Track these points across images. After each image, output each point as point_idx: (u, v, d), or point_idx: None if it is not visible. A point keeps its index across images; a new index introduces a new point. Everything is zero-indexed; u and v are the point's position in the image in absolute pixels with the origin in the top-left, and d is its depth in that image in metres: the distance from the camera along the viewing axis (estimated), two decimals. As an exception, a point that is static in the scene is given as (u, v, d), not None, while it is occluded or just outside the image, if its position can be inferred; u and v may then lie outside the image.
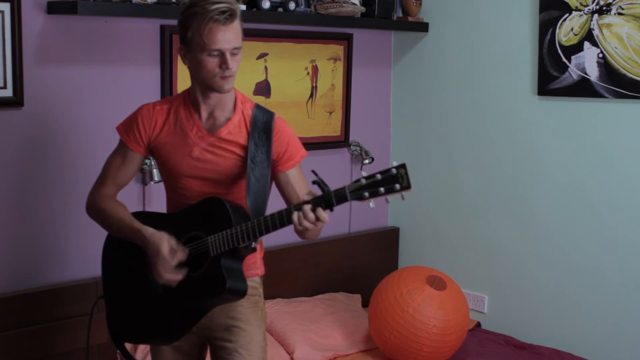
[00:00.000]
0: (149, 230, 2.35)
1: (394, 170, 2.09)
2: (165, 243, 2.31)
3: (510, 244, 4.09)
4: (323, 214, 2.17)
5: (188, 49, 2.35)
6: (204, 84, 2.36)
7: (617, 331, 3.73)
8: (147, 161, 3.41)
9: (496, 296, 4.18)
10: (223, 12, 2.26)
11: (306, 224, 2.18)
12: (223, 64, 2.30)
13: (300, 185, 2.45)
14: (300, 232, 2.28)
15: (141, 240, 2.36)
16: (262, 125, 2.40)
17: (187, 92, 2.46)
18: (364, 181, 2.12)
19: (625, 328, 3.71)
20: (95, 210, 2.48)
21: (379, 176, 2.10)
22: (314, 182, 2.17)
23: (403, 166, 2.09)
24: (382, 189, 2.10)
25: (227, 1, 2.28)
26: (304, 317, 3.82)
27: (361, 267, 4.37)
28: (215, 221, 2.31)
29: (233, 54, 2.32)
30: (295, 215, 2.19)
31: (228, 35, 2.28)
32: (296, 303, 3.97)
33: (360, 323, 3.90)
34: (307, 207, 2.17)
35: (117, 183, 2.50)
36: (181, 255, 2.32)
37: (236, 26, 2.31)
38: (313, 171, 2.19)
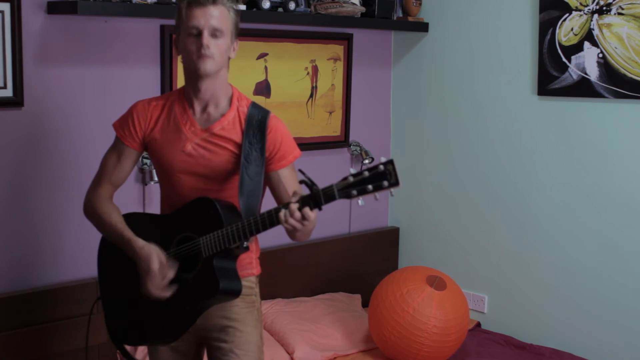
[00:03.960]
0: (139, 243, 2.35)
1: (381, 167, 2.06)
2: (155, 260, 2.31)
3: (510, 244, 4.09)
4: (309, 213, 2.15)
5: (178, 37, 2.37)
6: (189, 71, 2.38)
7: (617, 331, 3.73)
8: (147, 161, 3.41)
9: (496, 296, 4.18)
10: None
11: (293, 222, 2.16)
12: (199, 42, 2.30)
13: (292, 185, 2.42)
14: (290, 232, 2.25)
15: (131, 252, 2.36)
16: (257, 124, 2.39)
17: (183, 89, 2.47)
18: (351, 179, 2.10)
19: (625, 328, 3.71)
20: (91, 212, 2.49)
21: (366, 173, 2.08)
22: (301, 182, 2.16)
23: (391, 162, 2.06)
24: (370, 187, 2.08)
25: None
26: (304, 317, 3.82)
27: (361, 267, 4.37)
28: (207, 222, 2.30)
29: (214, 36, 2.31)
30: (282, 214, 2.18)
31: (207, 15, 2.28)
32: (296, 303, 3.97)
33: (360, 323, 3.89)
34: (294, 206, 2.16)
35: (113, 182, 2.49)
36: (171, 273, 2.32)
37: (220, 10, 2.31)
38: (300, 170, 2.17)
